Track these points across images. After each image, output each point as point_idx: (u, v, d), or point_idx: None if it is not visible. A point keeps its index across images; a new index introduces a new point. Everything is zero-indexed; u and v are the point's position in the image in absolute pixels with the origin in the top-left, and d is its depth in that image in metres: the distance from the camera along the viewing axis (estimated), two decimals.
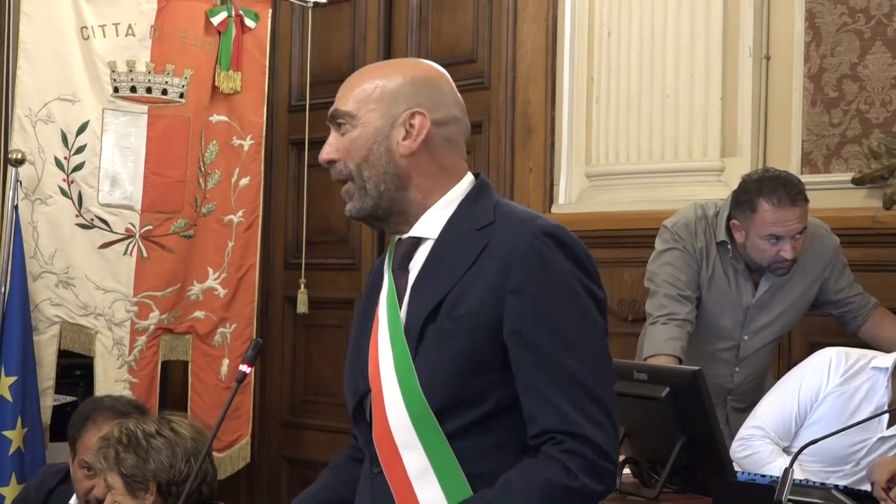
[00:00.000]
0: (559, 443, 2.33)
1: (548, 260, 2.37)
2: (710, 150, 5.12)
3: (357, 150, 2.47)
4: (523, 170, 5.76)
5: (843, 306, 4.49)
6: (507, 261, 2.37)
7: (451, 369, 2.37)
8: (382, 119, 2.47)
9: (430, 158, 2.49)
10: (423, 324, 2.41)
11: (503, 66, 5.88)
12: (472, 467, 2.39)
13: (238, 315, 6.10)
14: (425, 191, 2.49)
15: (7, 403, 5.39)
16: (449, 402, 2.38)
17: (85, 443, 3.96)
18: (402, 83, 2.49)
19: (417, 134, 2.47)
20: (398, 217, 2.50)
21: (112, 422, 3.92)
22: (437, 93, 2.51)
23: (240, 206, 6.08)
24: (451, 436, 2.39)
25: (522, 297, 2.35)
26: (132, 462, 3.52)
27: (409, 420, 2.40)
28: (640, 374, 3.70)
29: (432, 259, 2.47)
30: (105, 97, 5.76)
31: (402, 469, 2.42)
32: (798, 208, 4.19)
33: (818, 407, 3.84)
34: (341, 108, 2.49)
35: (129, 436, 3.60)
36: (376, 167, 2.46)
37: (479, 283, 2.38)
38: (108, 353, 5.77)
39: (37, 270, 5.63)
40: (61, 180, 5.69)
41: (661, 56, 5.21)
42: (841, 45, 4.89)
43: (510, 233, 2.41)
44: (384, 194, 2.47)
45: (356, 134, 2.47)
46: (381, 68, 2.57)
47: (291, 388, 6.92)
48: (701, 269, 4.38)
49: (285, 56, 6.84)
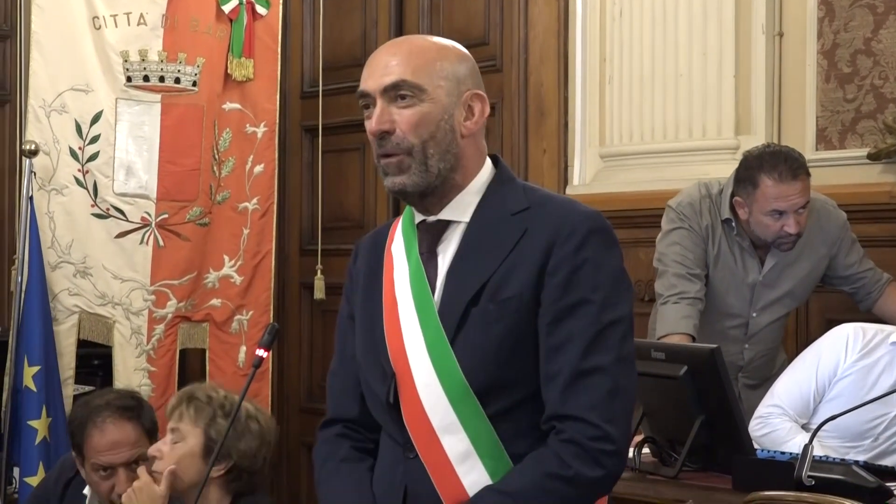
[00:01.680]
0: (558, 432, 2.35)
1: (587, 246, 2.38)
2: (724, 128, 5.11)
3: (425, 126, 2.44)
4: (537, 151, 5.75)
5: (855, 282, 4.49)
6: (549, 246, 2.38)
7: (495, 352, 2.39)
8: (449, 97, 2.46)
9: (475, 141, 2.51)
10: (465, 307, 2.41)
11: (515, 49, 5.87)
12: (513, 448, 2.41)
13: (255, 302, 6.11)
14: (466, 173, 2.50)
15: (32, 393, 5.42)
16: (492, 384, 2.39)
17: (93, 446, 3.93)
18: (459, 62, 2.49)
19: (480, 116, 2.48)
20: (439, 196, 2.49)
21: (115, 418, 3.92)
22: (479, 75, 2.53)
23: (254, 194, 6.08)
24: (492, 417, 2.40)
25: (559, 281, 2.37)
26: (228, 432, 3.43)
27: (448, 403, 2.41)
28: (657, 353, 3.70)
29: (468, 243, 2.47)
30: (118, 87, 5.77)
31: (441, 453, 2.43)
32: (800, 182, 4.18)
33: (836, 383, 3.84)
34: (409, 79, 2.44)
35: (231, 406, 3.59)
36: (441, 145, 2.45)
37: (521, 267, 2.39)
38: (127, 342, 5.79)
39: (54, 260, 5.65)
40: (76, 170, 5.70)
41: (673, 35, 5.20)
42: (854, 20, 4.87)
43: (551, 218, 2.42)
44: (441, 173, 2.46)
45: (426, 108, 2.44)
46: (434, 43, 2.53)
47: (309, 374, 6.94)
48: (707, 247, 4.38)
49: (297, 42, 6.83)
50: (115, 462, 3.90)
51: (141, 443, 3.93)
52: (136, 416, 3.98)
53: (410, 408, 2.43)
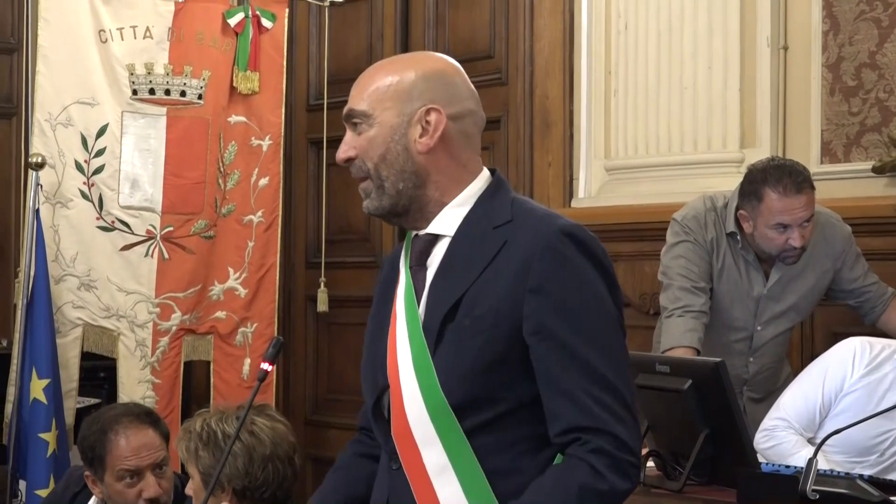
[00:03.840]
0: (584, 442, 2.33)
1: (567, 259, 2.36)
2: (729, 141, 5.11)
3: (374, 149, 2.45)
4: (542, 164, 5.75)
5: (859, 296, 4.48)
6: (527, 260, 2.36)
7: (469, 366, 2.37)
8: (398, 117, 2.45)
9: (447, 154, 2.48)
10: (441, 321, 2.41)
11: (520, 61, 5.87)
12: (490, 463, 2.39)
13: (259, 315, 6.11)
14: (443, 188, 2.48)
15: (42, 406, 5.43)
16: (467, 399, 2.38)
17: (118, 453, 3.90)
18: (415, 79, 2.47)
19: (434, 130, 2.45)
20: (416, 214, 2.49)
21: (136, 423, 3.93)
22: (451, 86, 2.50)
23: (259, 206, 6.09)
24: (469, 432, 2.39)
25: (543, 296, 2.35)
26: (208, 462, 3.47)
27: (427, 417, 2.40)
28: (662, 366, 3.69)
29: (450, 256, 2.46)
30: (124, 100, 5.79)
31: (421, 466, 2.43)
32: (804, 196, 4.18)
33: (843, 398, 3.82)
34: (356, 108, 2.47)
35: (209, 434, 3.56)
36: (394, 165, 2.45)
37: (497, 282, 2.38)
38: (131, 354, 5.80)
39: (59, 273, 5.66)
40: (81, 183, 5.71)
41: (678, 48, 5.21)
42: (859, 33, 4.87)
43: (529, 231, 2.40)
44: (402, 192, 2.46)
45: (373, 133, 2.45)
46: (393, 64, 2.54)
47: (314, 386, 6.94)
48: (712, 260, 4.38)
49: (303, 55, 6.85)
50: (143, 465, 3.89)
51: (162, 447, 3.95)
52: (155, 423, 4.00)
53: (397, 420, 2.44)
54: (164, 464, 3.92)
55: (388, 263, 2.67)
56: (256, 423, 3.57)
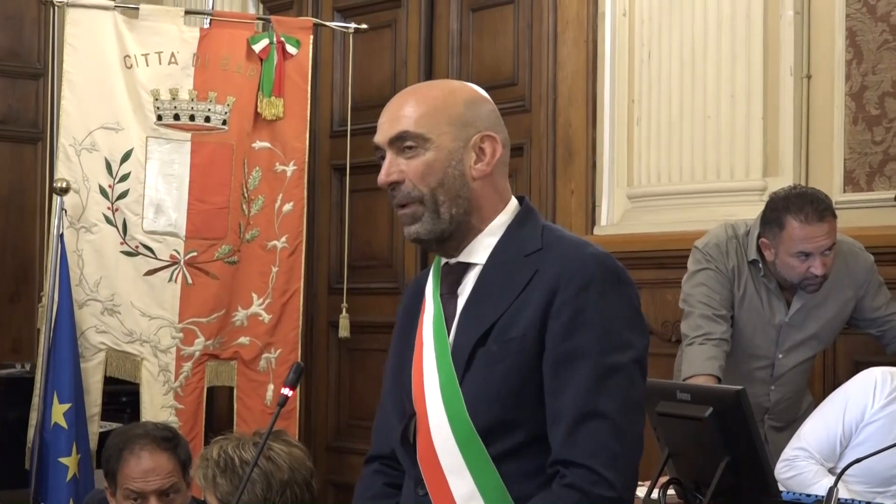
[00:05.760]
0: (561, 476, 2.34)
1: (592, 285, 2.38)
2: (751, 170, 5.10)
3: (432, 174, 2.45)
4: (565, 192, 5.75)
5: (882, 325, 4.47)
6: (554, 287, 2.38)
7: (496, 390, 2.39)
8: (455, 142, 2.46)
9: (492, 182, 2.50)
10: (472, 347, 2.42)
11: (544, 89, 5.88)
12: (517, 490, 2.40)
13: (283, 340, 6.12)
14: (483, 215, 2.50)
15: (62, 430, 5.45)
16: (495, 424, 2.39)
17: (126, 473, 3.93)
18: (469, 105, 2.49)
19: (491, 157, 2.48)
20: (456, 241, 2.50)
21: (152, 447, 3.93)
22: (494, 114, 2.53)
23: (283, 232, 6.10)
24: (496, 459, 2.40)
25: (562, 321, 2.36)
26: (226, 489, 3.47)
27: (455, 445, 2.41)
28: (683, 394, 3.68)
29: (481, 285, 2.48)
30: (148, 125, 5.82)
31: (448, 493, 2.43)
32: (826, 224, 4.18)
33: (864, 428, 3.81)
34: (411, 130, 2.46)
35: (226, 461, 3.56)
36: (451, 191, 2.46)
37: (527, 309, 2.40)
38: (154, 379, 5.81)
39: (82, 298, 5.68)
40: (106, 208, 5.74)
41: (701, 77, 5.21)
42: (882, 62, 4.87)
43: (559, 259, 2.42)
44: (454, 218, 2.47)
45: (430, 157, 2.45)
46: (434, 89, 2.55)
47: (336, 413, 6.94)
48: (733, 288, 4.38)
49: (327, 82, 6.88)
50: (147, 490, 3.90)
51: (174, 474, 3.93)
52: (173, 448, 3.99)
53: (424, 447, 2.45)
54: (173, 491, 3.90)
55: (411, 291, 2.68)
56: (273, 449, 3.56)
